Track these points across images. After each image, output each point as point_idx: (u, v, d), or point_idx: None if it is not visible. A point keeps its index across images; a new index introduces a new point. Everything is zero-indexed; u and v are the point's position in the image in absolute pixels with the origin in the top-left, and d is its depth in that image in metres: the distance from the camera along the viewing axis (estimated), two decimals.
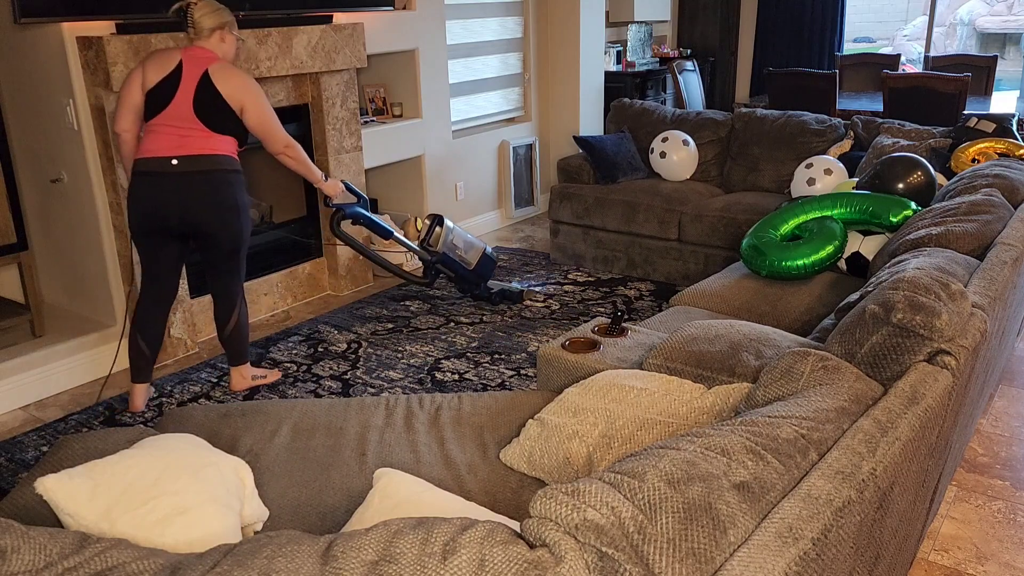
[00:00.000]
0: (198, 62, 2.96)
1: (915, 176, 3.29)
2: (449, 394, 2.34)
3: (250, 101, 2.99)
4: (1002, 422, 3.04)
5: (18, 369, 3.35)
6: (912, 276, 1.80)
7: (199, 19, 2.97)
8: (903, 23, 10.31)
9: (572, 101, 5.92)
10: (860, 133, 4.41)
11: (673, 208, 4.42)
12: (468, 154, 5.45)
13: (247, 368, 3.40)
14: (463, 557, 1.01)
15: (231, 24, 3.04)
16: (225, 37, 3.03)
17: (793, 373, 1.63)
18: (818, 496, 1.21)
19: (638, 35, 6.90)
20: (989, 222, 2.56)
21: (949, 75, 5.00)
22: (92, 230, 3.57)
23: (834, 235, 3.12)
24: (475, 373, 3.52)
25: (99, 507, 1.51)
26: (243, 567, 1.03)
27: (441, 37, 5.02)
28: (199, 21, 2.97)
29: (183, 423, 2.17)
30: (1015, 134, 3.84)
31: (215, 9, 3.00)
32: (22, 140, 3.69)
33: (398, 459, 2.01)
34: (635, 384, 1.98)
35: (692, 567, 1.05)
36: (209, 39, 3.01)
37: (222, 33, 3.02)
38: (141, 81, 2.96)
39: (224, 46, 3.04)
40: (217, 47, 3.02)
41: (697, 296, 3.13)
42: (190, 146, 2.94)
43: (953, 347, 1.69)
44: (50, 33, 3.32)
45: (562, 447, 1.92)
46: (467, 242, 4.13)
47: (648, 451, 1.25)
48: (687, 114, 5.01)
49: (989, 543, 2.39)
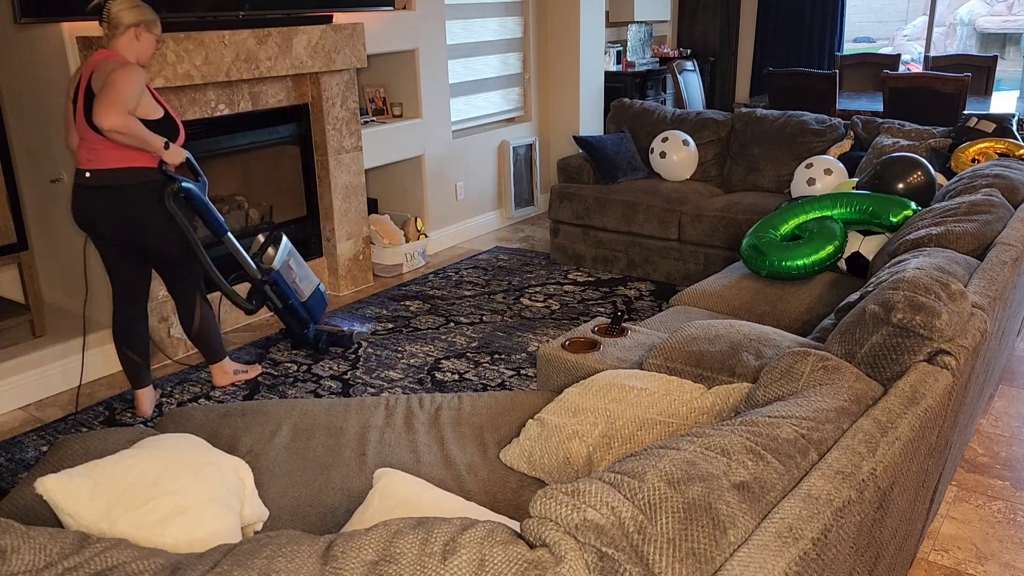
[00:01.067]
0: (90, 65, 2.84)
1: (915, 176, 3.29)
2: (449, 394, 2.34)
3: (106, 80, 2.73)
4: (1002, 422, 3.04)
5: (18, 369, 3.35)
6: (912, 276, 1.80)
7: (116, 13, 2.83)
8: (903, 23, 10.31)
9: (572, 101, 5.92)
10: (860, 133, 4.41)
11: (673, 208, 4.43)
12: (468, 154, 5.45)
13: (227, 363, 3.42)
14: (463, 557, 1.01)
15: (152, 23, 2.90)
16: (141, 35, 2.88)
17: (793, 373, 1.63)
18: (818, 496, 1.21)
19: (638, 35, 6.90)
20: (989, 222, 2.56)
21: (949, 75, 5.00)
22: None
23: (834, 235, 3.12)
24: (475, 373, 3.52)
25: (99, 507, 1.51)
26: (243, 567, 1.03)
27: (441, 37, 5.02)
28: (116, 16, 2.83)
29: (183, 423, 2.17)
30: (1015, 134, 3.84)
31: (135, 5, 2.86)
32: (22, 140, 3.69)
33: (398, 459, 2.01)
34: (635, 384, 1.98)
35: (692, 567, 1.05)
36: (123, 36, 2.85)
37: (137, 30, 2.86)
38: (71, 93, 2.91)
39: (139, 45, 2.88)
40: (129, 46, 2.87)
41: (697, 296, 3.13)
42: (97, 159, 2.86)
43: (953, 347, 1.69)
44: (50, 33, 3.32)
45: (562, 447, 1.92)
46: (303, 269, 3.62)
47: (648, 451, 1.25)
48: (687, 114, 5.01)
49: (989, 543, 2.39)
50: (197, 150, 3.89)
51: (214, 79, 3.64)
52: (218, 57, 3.63)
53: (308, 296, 3.60)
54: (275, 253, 3.44)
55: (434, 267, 4.96)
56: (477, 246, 5.36)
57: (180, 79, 3.51)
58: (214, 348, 3.35)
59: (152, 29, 2.91)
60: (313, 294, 3.64)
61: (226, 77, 3.68)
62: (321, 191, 4.42)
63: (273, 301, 3.49)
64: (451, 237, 5.40)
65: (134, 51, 2.89)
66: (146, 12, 2.88)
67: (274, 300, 3.48)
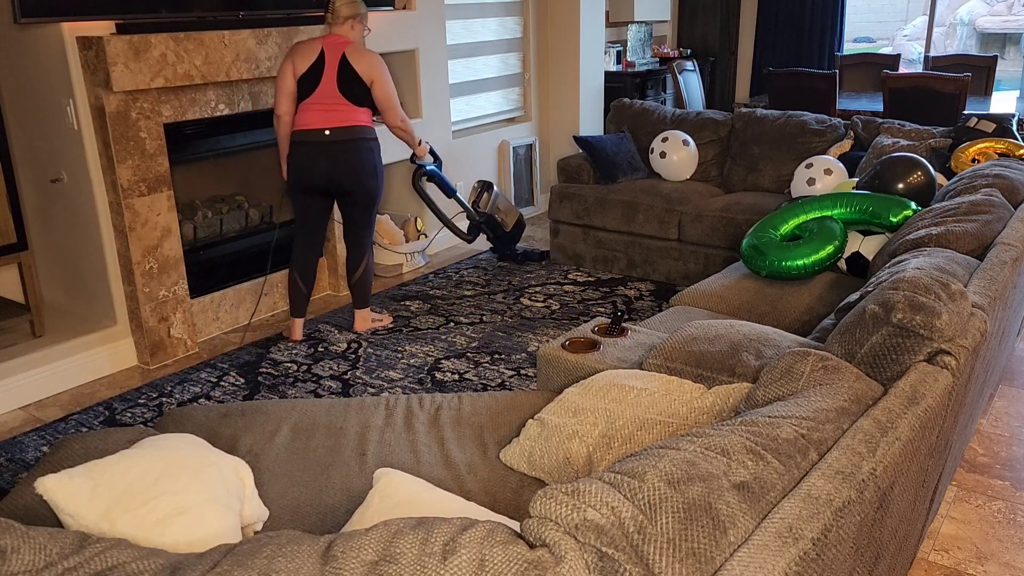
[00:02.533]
0: (336, 48, 3.51)
1: (915, 176, 3.29)
2: (449, 394, 2.34)
3: (378, 76, 3.55)
4: (1002, 422, 3.04)
5: (18, 369, 3.35)
6: (912, 276, 1.80)
7: (339, 7, 3.52)
8: (903, 23, 10.31)
9: (572, 101, 5.92)
10: (860, 133, 4.41)
11: (673, 208, 4.43)
12: (468, 154, 5.45)
13: (368, 312, 3.98)
14: (463, 557, 1.01)
15: (363, 16, 3.58)
16: (355, 25, 3.57)
17: (793, 373, 1.63)
18: (818, 496, 1.21)
19: (638, 35, 6.90)
20: (989, 222, 2.56)
21: (949, 75, 5.00)
22: (92, 230, 3.57)
23: (834, 235, 3.12)
24: (475, 373, 3.52)
25: (99, 507, 1.51)
26: (243, 567, 1.03)
27: (441, 37, 5.02)
28: (339, 9, 3.52)
29: (183, 423, 2.17)
30: (1015, 134, 3.84)
31: (352, 1, 3.54)
32: (22, 140, 3.69)
33: (398, 459, 2.01)
34: (635, 384, 1.98)
35: (692, 567, 1.05)
36: (343, 26, 3.53)
37: (353, 22, 3.55)
38: (292, 70, 3.51)
39: (354, 32, 3.58)
40: (349, 33, 3.55)
41: (697, 296, 3.13)
42: (338, 119, 3.53)
43: (953, 347, 1.69)
44: (50, 33, 3.32)
45: (562, 447, 1.92)
46: (508, 207, 4.76)
47: (648, 451, 1.25)
48: (687, 114, 5.01)
49: (989, 543, 2.39)
50: (197, 150, 3.90)
51: (214, 79, 3.64)
52: (218, 57, 3.63)
53: (512, 226, 4.80)
54: (488, 198, 4.64)
55: (434, 267, 4.96)
56: (477, 246, 5.36)
57: (180, 79, 3.51)
58: (365, 296, 3.93)
59: (363, 21, 3.61)
60: (516, 223, 4.81)
61: (226, 77, 3.68)
62: None
63: (486, 233, 4.77)
64: (451, 237, 5.40)
65: (352, 37, 3.58)
66: (360, 7, 3.57)
67: (487, 232, 4.77)
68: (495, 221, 4.69)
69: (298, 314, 3.86)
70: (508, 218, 4.75)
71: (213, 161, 4.21)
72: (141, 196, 3.53)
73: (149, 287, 3.62)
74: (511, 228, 4.78)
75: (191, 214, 4.14)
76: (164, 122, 3.58)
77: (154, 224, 3.60)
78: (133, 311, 3.64)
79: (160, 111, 3.54)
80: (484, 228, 4.71)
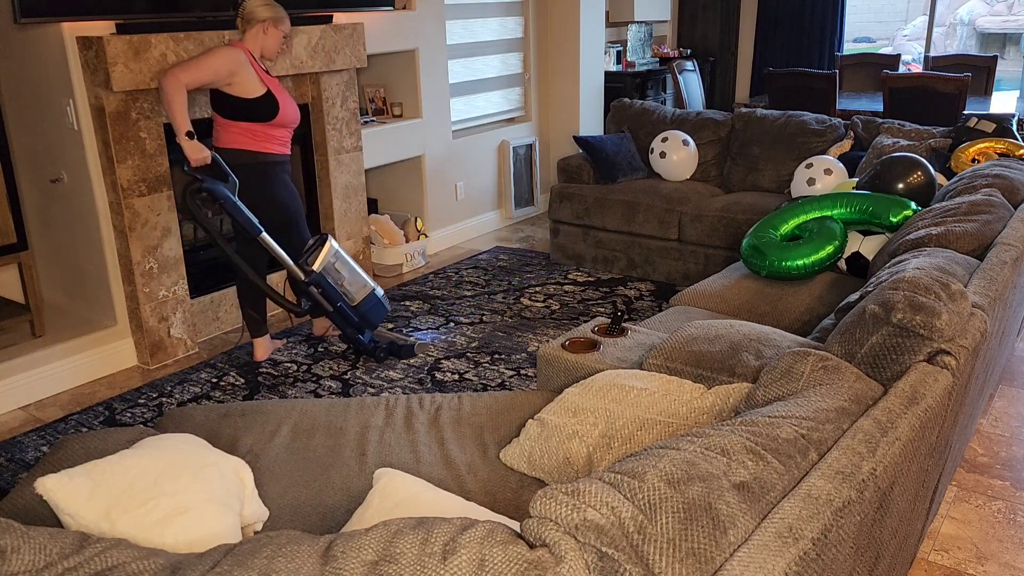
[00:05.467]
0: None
1: (915, 176, 3.29)
2: (449, 394, 2.34)
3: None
4: (1002, 422, 3.04)
5: (18, 369, 3.35)
6: (912, 276, 1.80)
7: (252, 9, 3.17)
8: (903, 23, 10.31)
9: (572, 101, 5.92)
10: (860, 133, 4.41)
11: (673, 208, 4.43)
12: (468, 154, 5.45)
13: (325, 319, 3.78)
14: (463, 557, 1.01)
15: (279, 20, 3.20)
16: (267, 30, 3.20)
17: (793, 373, 1.63)
18: (818, 496, 1.21)
19: (638, 35, 6.89)
20: (989, 222, 2.56)
21: (949, 75, 5.00)
22: (92, 230, 3.57)
23: (834, 235, 3.12)
24: (475, 373, 3.52)
25: (99, 507, 1.51)
26: (243, 567, 1.03)
27: (441, 37, 5.02)
28: (252, 11, 3.17)
29: (183, 423, 2.17)
30: (1015, 134, 3.84)
31: (267, 3, 3.19)
32: (22, 140, 3.69)
33: (398, 459, 2.01)
34: (635, 384, 1.98)
35: (692, 567, 1.05)
36: (250, 30, 3.20)
37: (264, 25, 3.19)
38: None
39: (265, 39, 3.21)
40: (254, 39, 3.22)
41: (697, 296, 3.13)
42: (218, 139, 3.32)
43: (953, 347, 1.69)
44: (50, 33, 3.32)
45: (562, 447, 1.92)
46: (353, 273, 3.51)
47: (648, 451, 1.25)
48: (687, 114, 5.01)
49: (989, 543, 2.39)
50: None
51: None
52: None
53: (359, 301, 3.51)
54: (319, 255, 3.40)
55: (434, 267, 4.96)
56: (477, 246, 5.36)
57: None
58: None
59: (279, 26, 3.23)
60: (367, 299, 3.53)
61: None
62: (321, 191, 4.42)
63: (320, 303, 3.44)
64: (451, 237, 5.40)
65: (259, 44, 3.23)
66: (277, 10, 3.20)
67: (321, 302, 3.43)
68: (329, 287, 3.43)
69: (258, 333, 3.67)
70: (353, 289, 3.50)
71: None
72: (141, 196, 3.53)
73: (149, 287, 3.62)
74: (358, 304, 3.52)
75: (191, 214, 4.14)
76: (164, 122, 3.58)
77: (154, 224, 3.60)
78: (133, 311, 3.64)
79: (160, 111, 3.54)
80: (315, 294, 3.42)
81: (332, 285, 3.42)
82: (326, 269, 3.40)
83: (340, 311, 3.47)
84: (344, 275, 3.47)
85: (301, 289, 3.42)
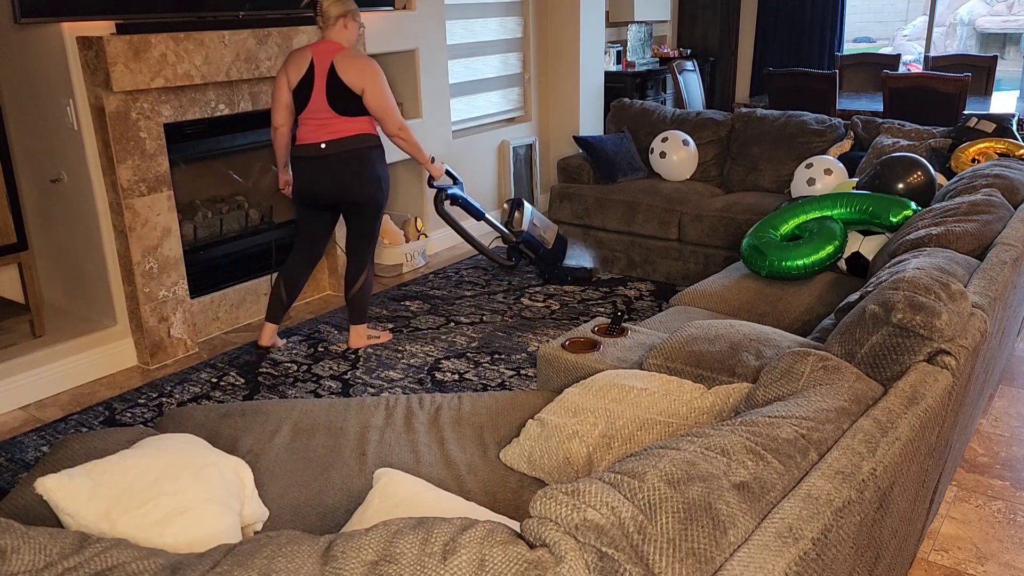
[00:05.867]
0: (325, 57, 3.36)
1: (915, 176, 3.29)
2: (449, 394, 2.34)
3: (369, 84, 3.36)
4: (1002, 422, 3.04)
5: (18, 369, 3.35)
6: (912, 276, 1.80)
7: (327, 8, 3.37)
8: (903, 23, 10.31)
9: (572, 101, 5.92)
10: (860, 133, 4.41)
11: (673, 208, 4.42)
12: (468, 154, 5.45)
13: (364, 328, 3.79)
14: (463, 557, 1.01)
15: (354, 12, 3.43)
16: (347, 23, 3.41)
17: (793, 373, 1.63)
18: (818, 496, 1.21)
19: (638, 35, 6.89)
20: (989, 222, 2.56)
21: (949, 75, 5.00)
22: (92, 230, 3.57)
23: (834, 235, 3.12)
24: (475, 373, 3.52)
25: (99, 507, 1.51)
26: (243, 567, 1.03)
27: (441, 37, 5.02)
28: (327, 10, 3.37)
29: (183, 423, 2.17)
30: (1015, 134, 3.84)
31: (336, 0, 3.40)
32: (22, 140, 3.69)
33: (398, 459, 2.01)
34: (635, 384, 1.98)
35: (692, 567, 1.05)
36: (334, 27, 3.38)
37: (345, 20, 3.40)
38: (286, 82, 3.41)
39: (347, 32, 3.42)
40: (340, 34, 3.40)
41: (697, 296, 3.13)
42: (332, 131, 3.40)
43: (953, 347, 1.69)
44: (50, 33, 3.32)
45: (562, 447, 1.92)
46: (544, 223, 4.39)
47: (648, 451, 1.25)
48: (687, 114, 5.01)
49: (989, 543, 2.39)
50: (198, 150, 3.89)
51: (214, 79, 3.64)
52: (218, 57, 3.63)
53: (552, 242, 4.40)
54: (521, 217, 4.25)
55: (434, 267, 4.96)
56: None
57: (180, 79, 3.51)
58: (362, 311, 3.76)
59: (355, 18, 3.44)
60: (556, 240, 4.42)
61: (226, 77, 3.68)
62: None
63: (527, 254, 4.35)
64: (451, 237, 5.40)
65: (344, 38, 3.42)
66: (348, 3, 3.41)
67: (528, 254, 4.35)
68: (534, 240, 4.30)
69: (272, 319, 3.73)
70: (548, 234, 4.37)
71: (213, 161, 4.21)
72: (141, 196, 3.53)
73: (149, 287, 3.62)
74: (552, 245, 4.39)
75: (191, 214, 4.14)
76: (164, 122, 3.58)
77: (154, 224, 3.60)
78: (133, 311, 3.64)
79: (160, 111, 3.54)
80: (524, 249, 4.31)
81: (534, 238, 4.31)
82: (528, 226, 4.28)
83: (542, 256, 4.38)
84: (539, 227, 4.34)
85: (512, 247, 4.36)
